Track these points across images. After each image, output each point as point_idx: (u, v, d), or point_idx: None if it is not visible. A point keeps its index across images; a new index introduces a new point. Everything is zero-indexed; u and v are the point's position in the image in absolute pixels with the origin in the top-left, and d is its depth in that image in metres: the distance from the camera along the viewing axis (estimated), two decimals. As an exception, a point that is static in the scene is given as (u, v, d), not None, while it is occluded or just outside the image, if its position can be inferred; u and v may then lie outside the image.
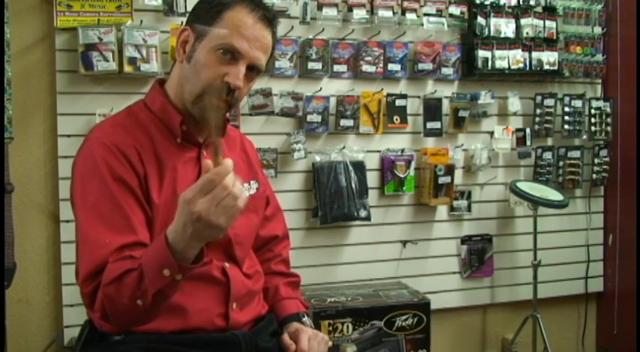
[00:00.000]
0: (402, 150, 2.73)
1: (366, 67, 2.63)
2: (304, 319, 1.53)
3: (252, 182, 1.54)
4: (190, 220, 1.07)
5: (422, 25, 2.70)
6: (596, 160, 3.05)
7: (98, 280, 1.21)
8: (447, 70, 2.78)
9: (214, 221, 1.06)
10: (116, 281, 1.17)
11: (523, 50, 2.84)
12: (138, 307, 1.17)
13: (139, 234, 1.27)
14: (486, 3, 2.79)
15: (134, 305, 1.16)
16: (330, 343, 1.50)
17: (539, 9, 2.90)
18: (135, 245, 1.25)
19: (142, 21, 2.34)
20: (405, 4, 2.68)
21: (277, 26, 1.42)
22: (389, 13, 2.64)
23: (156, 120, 1.40)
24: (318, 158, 2.59)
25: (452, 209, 2.83)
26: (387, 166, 2.70)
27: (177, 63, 1.42)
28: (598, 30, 3.00)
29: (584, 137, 3.03)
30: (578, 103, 2.99)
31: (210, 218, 1.05)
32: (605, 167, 3.07)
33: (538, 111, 2.94)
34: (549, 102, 2.95)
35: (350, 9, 2.60)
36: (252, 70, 1.36)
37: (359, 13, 2.60)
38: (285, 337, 1.45)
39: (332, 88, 2.63)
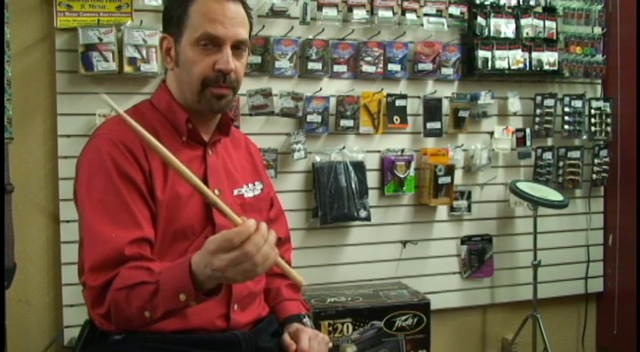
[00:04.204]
0: (402, 151, 2.73)
1: (366, 67, 2.63)
2: (305, 320, 1.53)
3: (256, 183, 1.55)
4: (210, 268, 1.09)
5: (422, 25, 2.70)
6: (596, 160, 3.05)
7: (104, 275, 1.22)
8: (447, 70, 2.78)
9: (231, 278, 1.09)
10: (128, 288, 1.18)
11: (523, 50, 2.84)
12: (144, 318, 1.19)
13: (144, 229, 1.28)
14: (486, 3, 2.79)
15: (140, 315, 1.19)
16: (331, 343, 1.50)
17: (539, 9, 2.90)
18: (141, 240, 1.27)
19: (141, 21, 2.34)
20: (405, 4, 2.68)
21: None
22: (389, 14, 2.64)
23: (162, 119, 1.42)
24: (318, 158, 2.59)
25: (452, 209, 2.83)
26: (387, 166, 2.70)
27: (169, 71, 1.45)
28: (598, 30, 3.00)
29: (584, 137, 3.03)
30: (578, 103, 2.99)
31: (227, 275, 1.08)
32: (605, 167, 3.07)
33: (538, 111, 2.94)
34: (549, 102, 2.95)
35: (350, 9, 2.60)
36: (239, 48, 1.38)
37: (359, 14, 2.60)
38: (286, 337, 1.45)
39: (332, 88, 2.63)
